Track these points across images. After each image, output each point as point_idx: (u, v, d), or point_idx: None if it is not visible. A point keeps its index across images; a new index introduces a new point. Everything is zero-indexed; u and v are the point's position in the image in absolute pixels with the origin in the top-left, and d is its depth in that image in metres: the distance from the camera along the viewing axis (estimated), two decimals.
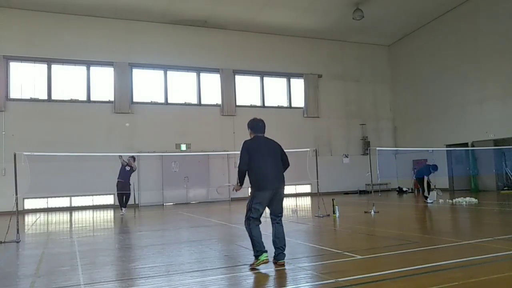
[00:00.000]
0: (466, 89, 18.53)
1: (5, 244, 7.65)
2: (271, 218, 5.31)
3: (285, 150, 5.54)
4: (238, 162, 5.38)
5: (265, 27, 19.84)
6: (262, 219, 5.14)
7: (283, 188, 5.34)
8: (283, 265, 5.00)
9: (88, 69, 17.78)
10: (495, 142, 17.15)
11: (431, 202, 13.32)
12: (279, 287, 4.14)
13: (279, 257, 5.08)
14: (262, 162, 5.26)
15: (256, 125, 5.59)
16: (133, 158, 14.28)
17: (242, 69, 20.13)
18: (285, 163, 5.51)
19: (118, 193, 13.91)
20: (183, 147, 18.16)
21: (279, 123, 20.14)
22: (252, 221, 5.10)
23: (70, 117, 16.97)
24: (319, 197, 10.83)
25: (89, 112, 17.40)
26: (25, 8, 16.58)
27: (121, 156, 14.02)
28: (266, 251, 4.97)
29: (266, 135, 5.51)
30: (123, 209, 13.81)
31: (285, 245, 5.15)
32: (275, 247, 5.12)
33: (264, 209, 5.20)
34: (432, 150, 17.94)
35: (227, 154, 18.04)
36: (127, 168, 13.96)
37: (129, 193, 14.16)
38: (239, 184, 5.41)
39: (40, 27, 16.96)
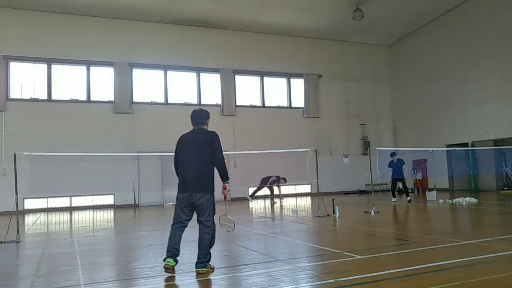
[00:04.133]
0: (466, 89, 18.54)
1: (5, 244, 7.65)
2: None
3: (284, 150, 5.42)
4: (237, 162, 5.32)
5: (265, 27, 19.84)
6: (262, 219, 5.12)
7: (201, 196, 4.76)
8: (200, 273, 4.67)
9: (88, 69, 17.79)
10: (495, 142, 17.15)
11: (395, 202, 13.89)
12: (279, 287, 4.14)
13: (196, 265, 4.76)
14: (183, 162, 4.83)
15: (191, 118, 5.04)
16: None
17: (242, 69, 20.13)
18: (216, 162, 4.82)
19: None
20: None
21: (279, 123, 20.19)
22: (172, 224, 4.91)
23: (70, 117, 16.98)
24: (319, 197, 10.83)
25: (89, 112, 17.40)
26: (25, 8, 16.59)
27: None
28: (169, 257, 4.71)
29: (265, 134, 5.41)
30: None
31: (204, 254, 4.75)
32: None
33: (186, 213, 4.84)
34: (432, 150, 17.95)
35: (227, 154, 18.03)
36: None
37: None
38: None
39: (40, 27, 16.97)
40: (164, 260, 4.77)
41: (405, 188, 14.42)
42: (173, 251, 4.78)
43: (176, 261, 4.80)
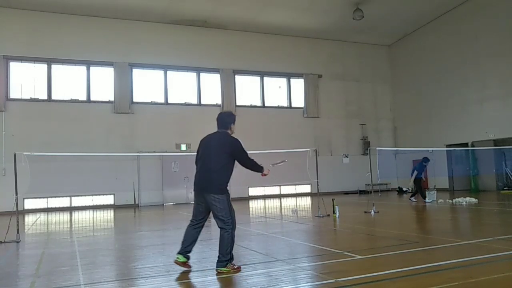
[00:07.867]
0: (466, 89, 18.53)
1: (5, 244, 7.65)
2: None
3: (284, 150, 5.40)
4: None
5: (265, 27, 19.84)
6: (262, 220, 5.12)
7: (211, 197, 4.79)
8: (219, 273, 4.70)
9: (88, 69, 17.79)
10: (495, 142, 17.15)
11: (430, 202, 13.39)
12: (279, 287, 4.14)
13: (216, 265, 4.80)
14: (198, 162, 5.08)
15: (217, 120, 5.18)
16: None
17: (242, 69, 20.13)
18: (244, 166, 5.08)
19: None
20: (183, 147, 18.13)
21: (279, 123, 20.19)
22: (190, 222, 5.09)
23: (70, 117, 16.97)
24: (319, 197, 10.82)
25: (89, 112, 17.40)
26: (25, 8, 16.59)
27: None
28: (178, 253, 4.94)
29: (265, 134, 5.41)
30: None
31: (224, 254, 4.76)
32: None
33: (201, 212, 4.97)
34: (432, 150, 17.94)
35: None
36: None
37: None
38: None
39: (40, 27, 16.97)
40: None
41: (418, 189, 14.40)
42: (182, 248, 4.96)
43: (187, 258, 4.96)
